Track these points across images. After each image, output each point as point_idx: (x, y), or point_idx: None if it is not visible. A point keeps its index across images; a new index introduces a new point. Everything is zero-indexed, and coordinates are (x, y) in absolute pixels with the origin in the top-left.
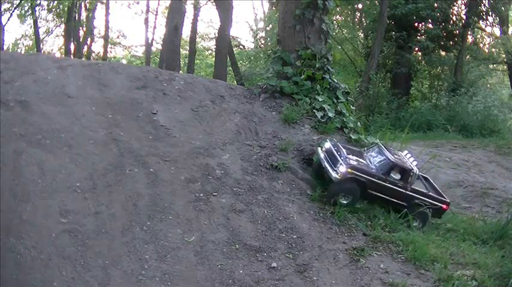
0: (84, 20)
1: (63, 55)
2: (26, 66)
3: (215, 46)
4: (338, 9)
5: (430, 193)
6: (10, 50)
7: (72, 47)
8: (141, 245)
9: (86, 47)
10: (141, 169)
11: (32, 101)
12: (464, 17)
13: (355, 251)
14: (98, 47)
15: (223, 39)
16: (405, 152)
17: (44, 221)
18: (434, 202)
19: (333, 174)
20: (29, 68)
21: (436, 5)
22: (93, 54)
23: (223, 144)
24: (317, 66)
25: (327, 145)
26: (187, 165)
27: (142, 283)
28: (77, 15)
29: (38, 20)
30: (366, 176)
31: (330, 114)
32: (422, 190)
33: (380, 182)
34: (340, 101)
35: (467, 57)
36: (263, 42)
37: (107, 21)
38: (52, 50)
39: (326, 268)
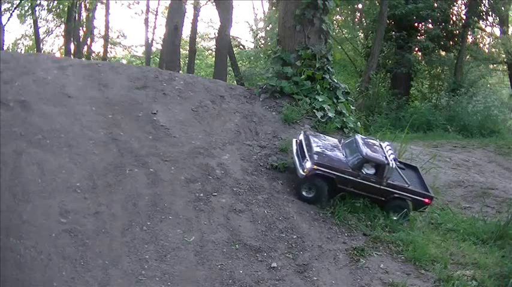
0: (84, 20)
1: (63, 55)
2: (26, 66)
3: (215, 46)
4: (338, 9)
5: (410, 187)
6: (10, 50)
7: (72, 47)
8: (141, 245)
9: (86, 47)
10: (141, 169)
11: (32, 101)
12: (464, 17)
13: (355, 251)
14: (98, 47)
15: (223, 39)
16: (385, 143)
17: (44, 221)
18: (415, 196)
19: (299, 170)
20: (29, 68)
21: (436, 5)
22: (93, 54)
23: (223, 144)
24: (317, 66)
25: (300, 137)
26: (187, 165)
27: (142, 283)
28: (77, 15)
29: (38, 20)
30: (334, 172)
31: (330, 114)
32: (400, 184)
33: (351, 177)
34: (340, 101)
35: (467, 57)
36: (263, 42)
37: (107, 21)
38: (52, 50)
39: (326, 268)
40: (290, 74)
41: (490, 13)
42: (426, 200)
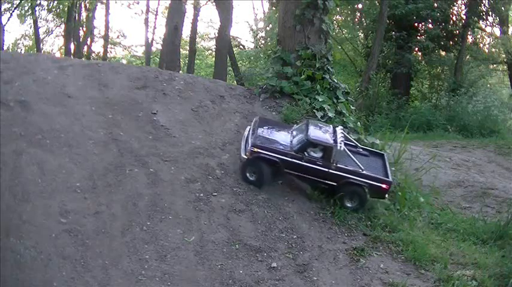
0: (84, 20)
1: (63, 55)
2: (26, 66)
3: (215, 46)
4: (338, 9)
5: (364, 172)
6: (10, 50)
7: (72, 47)
8: (141, 245)
9: (86, 47)
10: (141, 169)
11: (32, 101)
12: (464, 17)
13: (355, 251)
14: (98, 47)
15: (223, 39)
16: (339, 128)
17: (44, 221)
18: (370, 182)
19: (242, 153)
20: (29, 68)
21: (436, 5)
22: (93, 54)
23: (223, 144)
24: (317, 66)
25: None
26: (187, 165)
27: (142, 283)
28: (77, 15)
29: (38, 20)
30: (275, 155)
31: (330, 114)
32: (353, 169)
33: (295, 160)
34: (340, 101)
35: (467, 57)
36: (263, 42)
37: (107, 21)
38: (52, 50)
39: (326, 268)
40: (290, 74)
41: (490, 13)
42: (384, 186)
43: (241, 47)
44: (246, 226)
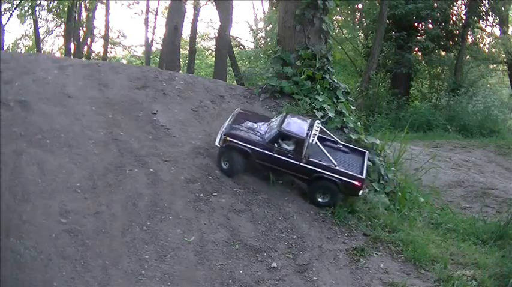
0: (84, 20)
1: (63, 55)
2: (26, 66)
3: (215, 46)
4: (338, 9)
5: (337, 167)
6: (10, 50)
7: (72, 47)
8: (141, 245)
9: (86, 47)
10: (141, 169)
11: (32, 101)
12: (464, 17)
13: (355, 251)
14: (98, 47)
15: (223, 39)
16: (317, 122)
17: (44, 221)
18: (343, 177)
19: (216, 141)
20: (29, 68)
21: (436, 5)
22: (93, 54)
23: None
24: (317, 66)
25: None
26: (187, 165)
27: (142, 283)
28: (77, 15)
29: (38, 20)
30: (246, 145)
31: (330, 114)
32: (325, 163)
33: (266, 151)
34: (340, 101)
35: (467, 57)
36: (263, 42)
37: (107, 21)
38: (52, 50)
39: (326, 268)
40: (290, 74)
41: (490, 13)
42: (356, 183)
43: (241, 47)
44: (246, 226)
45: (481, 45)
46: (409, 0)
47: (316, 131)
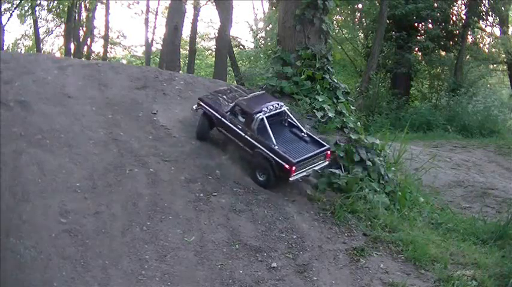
0: (84, 20)
1: (63, 55)
2: (26, 66)
3: (215, 46)
4: (338, 9)
5: (275, 147)
6: (10, 50)
7: (72, 47)
8: (141, 245)
9: (86, 47)
10: (141, 169)
11: (32, 101)
12: (464, 17)
13: (355, 251)
14: (98, 47)
15: (223, 39)
16: (284, 107)
17: (44, 221)
18: (276, 158)
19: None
20: (29, 68)
21: (436, 5)
22: (93, 54)
23: (223, 144)
24: (317, 66)
25: None
26: (187, 165)
27: (142, 283)
28: (77, 15)
29: (38, 20)
30: (211, 111)
31: (330, 114)
32: (265, 141)
33: (222, 119)
34: (340, 101)
35: (467, 57)
36: (263, 42)
37: (107, 21)
38: (52, 50)
39: (326, 268)
40: (290, 74)
41: (490, 13)
42: (286, 166)
43: (241, 47)
44: (246, 226)
45: (481, 45)
46: (409, 0)
47: (271, 110)
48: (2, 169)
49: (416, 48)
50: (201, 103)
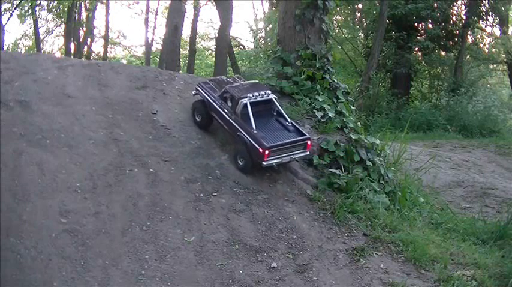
0: (84, 20)
1: (63, 55)
2: (26, 66)
3: (215, 46)
4: (338, 9)
5: (254, 132)
6: (10, 50)
7: (72, 47)
8: (141, 245)
9: (86, 47)
10: (141, 169)
11: (32, 101)
12: (464, 17)
13: (355, 251)
14: (98, 47)
15: (223, 39)
16: (272, 96)
17: (44, 221)
18: (251, 141)
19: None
20: (29, 68)
21: (436, 5)
22: (93, 54)
23: (222, 144)
24: (317, 66)
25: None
26: (187, 165)
27: (142, 283)
28: (77, 15)
29: (38, 20)
30: (204, 94)
31: (330, 114)
32: (246, 126)
33: (214, 103)
34: (340, 101)
35: (467, 57)
36: (263, 42)
37: (107, 21)
38: (52, 50)
39: (326, 268)
40: (290, 74)
41: (490, 13)
42: (260, 149)
43: (241, 47)
44: (246, 226)
45: (481, 45)
46: (409, 0)
47: (256, 97)
48: (2, 169)
49: (416, 48)
50: (198, 87)
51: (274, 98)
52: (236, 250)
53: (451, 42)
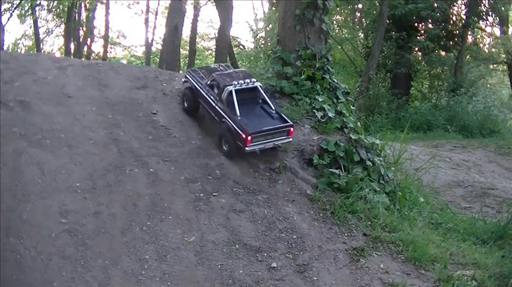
0: (84, 20)
1: (63, 55)
2: (26, 66)
3: (215, 46)
4: (338, 9)
5: (238, 118)
6: (10, 50)
7: (72, 47)
8: (141, 245)
9: (86, 47)
10: (141, 169)
11: (32, 101)
12: (464, 17)
13: (355, 251)
14: (98, 47)
15: (223, 39)
16: (258, 84)
17: (44, 221)
18: (235, 127)
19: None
20: (29, 68)
21: (436, 5)
22: (93, 54)
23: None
24: (317, 66)
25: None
26: (187, 165)
27: (142, 283)
28: (77, 15)
29: (38, 20)
30: (192, 81)
31: (330, 114)
32: (231, 112)
33: (201, 91)
34: (340, 101)
35: (467, 57)
36: (263, 42)
37: (107, 21)
38: (52, 50)
39: (326, 268)
40: (290, 74)
41: (490, 13)
42: (243, 135)
43: (241, 47)
44: (246, 226)
45: (481, 45)
46: (409, 0)
47: (241, 85)
48: (2, 168)
49: (416, 48)
50: (187, 75)
51: (260, 86)
52: (236, 250)
53: (451, 42)
